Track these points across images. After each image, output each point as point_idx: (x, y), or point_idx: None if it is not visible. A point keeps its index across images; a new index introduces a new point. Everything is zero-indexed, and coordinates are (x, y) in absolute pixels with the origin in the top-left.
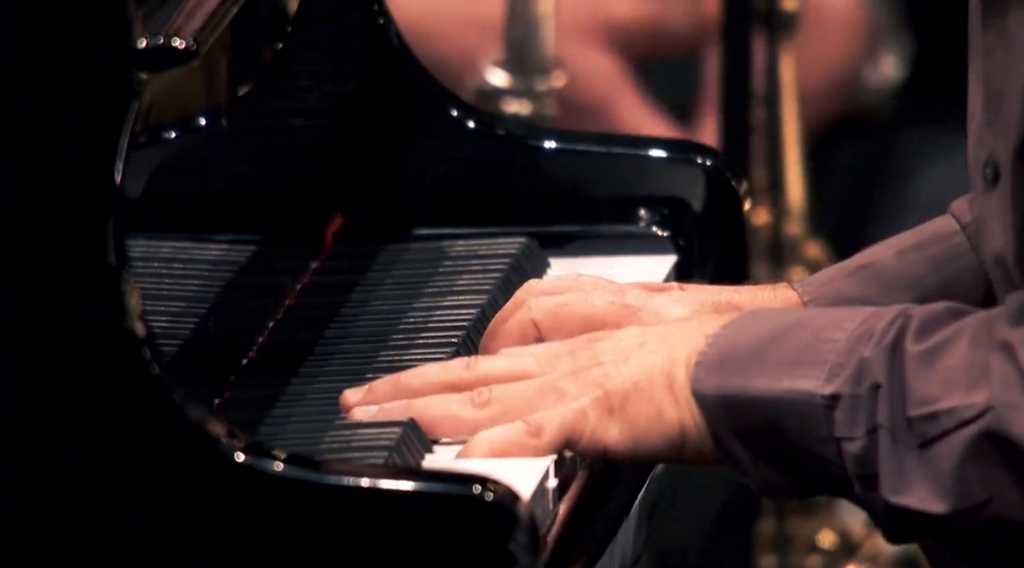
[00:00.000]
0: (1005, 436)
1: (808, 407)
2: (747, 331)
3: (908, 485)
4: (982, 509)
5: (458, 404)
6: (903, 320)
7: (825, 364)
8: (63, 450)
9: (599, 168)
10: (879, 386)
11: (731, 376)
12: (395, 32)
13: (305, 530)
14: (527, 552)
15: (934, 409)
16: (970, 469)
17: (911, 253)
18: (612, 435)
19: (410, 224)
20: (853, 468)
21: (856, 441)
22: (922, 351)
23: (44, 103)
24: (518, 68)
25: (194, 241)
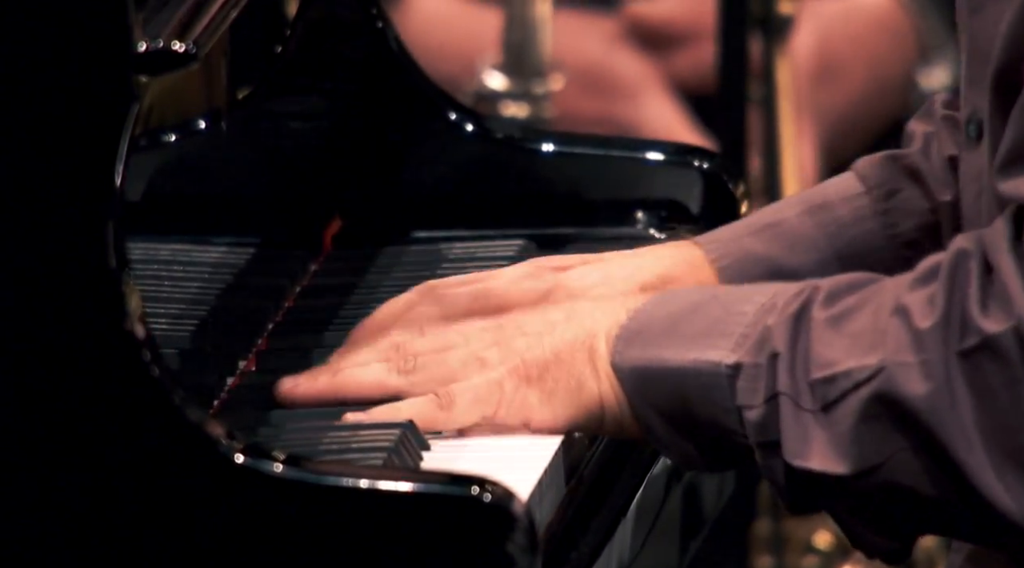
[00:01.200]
0: (895, 396)
1: (713, 377)
2: (665, 306)
3: (810, 448)
4: (878, 471)
5: (384, 371)
6: (811, 290)
7: (733, 335)
8: (64, 451)
9: (596, 171)
10: (777, 354)
11: (646, 348)
12: (393, 36)
13: (304, 531)
14: (525, 553)
15: (833, 371)
16: (865, 431)
17: (817, 213)
18: (531, 404)
19: (408, 227)
20: (754, 436)
21: (756, 409)
22: (828, 317)
23: (45, 106)
24: (516, 71)
25: (194, 244)
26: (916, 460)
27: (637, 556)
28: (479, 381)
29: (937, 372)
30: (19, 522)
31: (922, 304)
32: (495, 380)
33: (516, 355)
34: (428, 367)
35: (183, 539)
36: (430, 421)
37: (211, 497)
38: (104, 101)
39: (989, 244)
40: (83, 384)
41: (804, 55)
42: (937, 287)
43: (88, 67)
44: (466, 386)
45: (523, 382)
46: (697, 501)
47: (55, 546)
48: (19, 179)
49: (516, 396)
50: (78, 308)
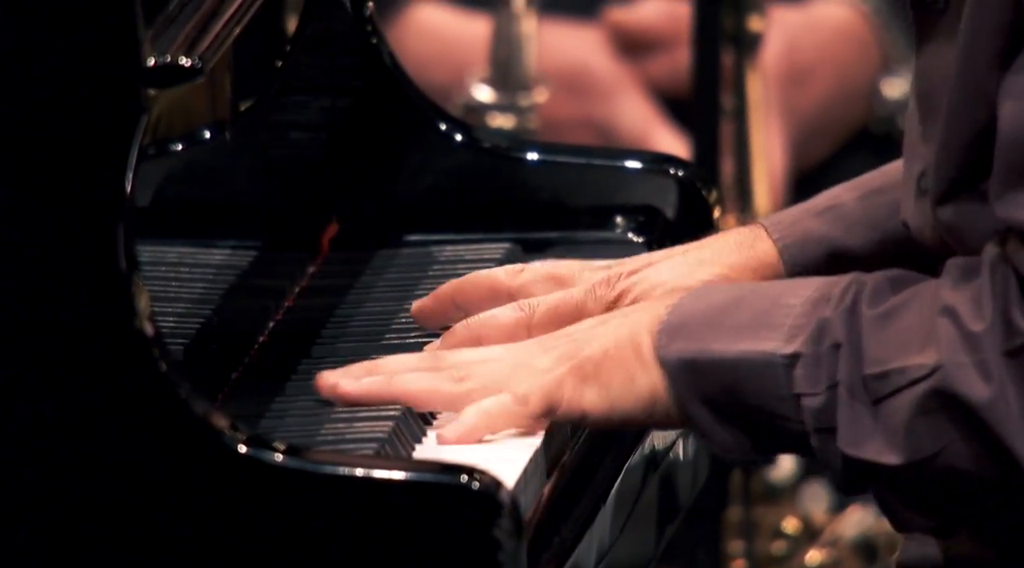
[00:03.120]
0: (952, 393)
1: (767, 367)
2: (705, 299)
3: (864, 439)
4: (932, 461)
5: (437, 379)
6: (858, 285)
7: (783, 327)
8: (76, 440)
9: (578, 178)
10: (839, 345)
11: (692, 340)
12: (387, 52)
13: (302, 516)
14: (511, 537)
15: (886, 368)
16: (920, 424)
17: (874, 197)
18: (589, 399)
19: (401, 231)
20: (812, 422)
21: (817, 396)
22: (877, 315)
23: (59, 117)
24: (502, 85)
25: (199, 247)
26: (970, 451)
27: (616, 541)
28: (545, 379)
29: (992, 371)
30: (34, 506)
31: (969, 305)
32: (559, 377)
33: (568, 357)
34: (481, 375)
35: (189, 523)
36: (511, 417)
37: (216, 484)
38: (115, 113)
39: (1016, 257)
40: (95, 378)
41: (773, 61)
42: (982, 289)
43: (100, 81)
44: (535, 384)
45: (580, 380)
46: (672, 489)
47: (68, 530)
48: (35, 186)
49: (575, 393)
50: (91, 307)
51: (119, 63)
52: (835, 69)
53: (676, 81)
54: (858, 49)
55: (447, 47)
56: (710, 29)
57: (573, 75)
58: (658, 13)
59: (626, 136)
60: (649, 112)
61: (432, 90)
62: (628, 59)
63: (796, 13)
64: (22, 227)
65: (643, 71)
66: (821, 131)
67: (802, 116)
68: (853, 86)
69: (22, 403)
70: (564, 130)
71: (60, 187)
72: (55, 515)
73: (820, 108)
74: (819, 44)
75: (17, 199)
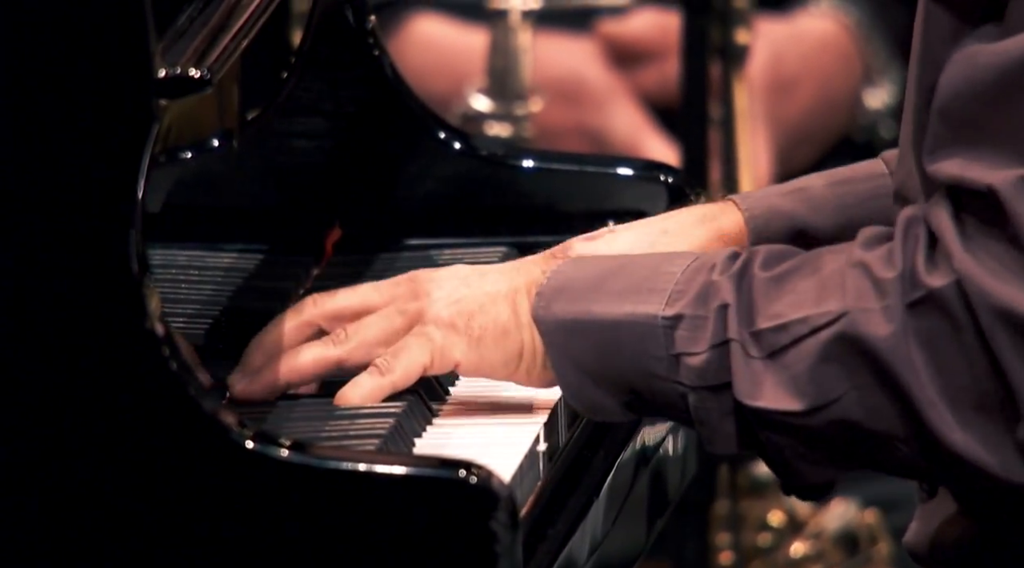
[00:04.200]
0: (859, 337)
1: (648, 328)
2: (586, 267)
3: (761, 389)
4: (832, 406)
5: (320, 346)
6: (748, 254)
7: (664, 291)
8: (90, 437)
9: (572, 185)
10: (727, 305)
11: (572, 303)
12: (388, 63)
13: (307, 509)
14: (507, 530)
15: (784, 321)
16: (823, 370)
17: (842, 185)
18: (460, 350)
19: (402, 235)
20: (693, 380)
21: (699, 355)
22: (769, 277)
23: (74, 127)
24: (499, 95)
25: (208, 250)
26: (871, 397)
27: (608, 533)
28: (411, 340)
29: (896, 316)
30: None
31: (881, 260)
32: (425, 334)
33: (439, 305)
34: (359, 333)
35: (199, 516)
36: (379, 391)
37: (224, 479)
38: (127, 122)
39: (932, 214)
40: (108, 377)
41: (759, 72)
42: (894, 246)
43: (113, 91)
44: (400, 348)
45: (451, 331)
46: (662, 483)
47: (81, 522)
48: (51, 192)
49: (445, 343)
50: (104, 308)
51: (132, 75)
52: (818, 80)
53: (666, 91)
54: (841, 61)
55: (446, 59)
56: (698, 41)
57: (567, 85)
58: (649, 26)
59: (618, 144)
60: (640, 121)
61: (432, 100)
62: (620, 70)
63: (781, 26)
64: (39, 231)
65: (634, 81)
66: (805, 139)
67: (787, 125)
68: (836, 96)
69: (38, 400)
70: (558, 138)
71: (75, 193)
72: (70, 508)
73: (804, 117)
74: (803, 56)
75: (34, 205)
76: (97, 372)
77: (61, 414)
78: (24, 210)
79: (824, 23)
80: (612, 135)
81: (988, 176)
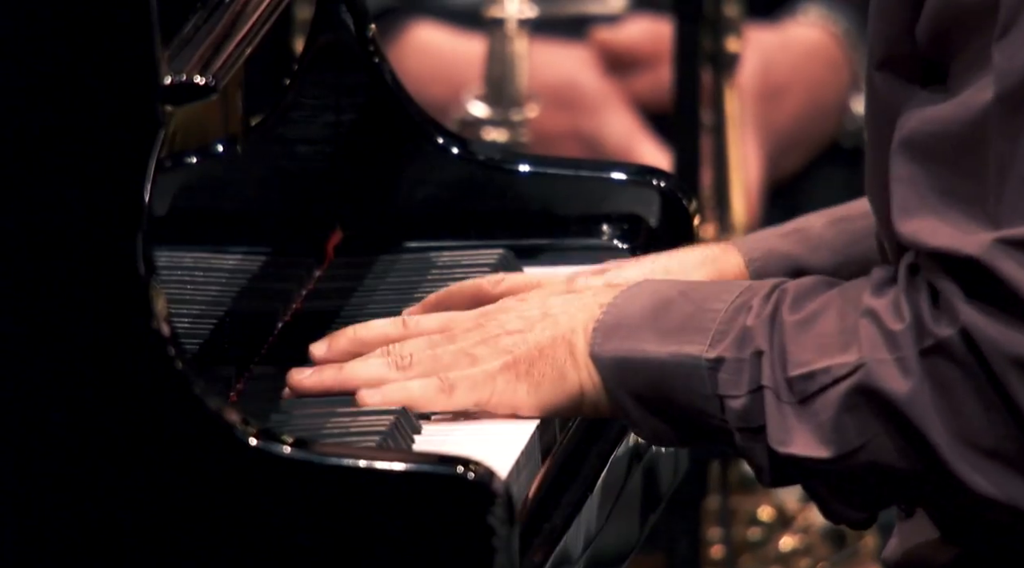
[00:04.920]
0: (875, 388)
1: (693, 369)
2: (636, 301)
3: (792, 436)
4: (858, 454)
5: (384, 367)
6: (779, 293)
7: (708, 331)
8: (97, 435)
9: (567, 189)
10: (762, 352)
11: (624, 341)
12: (388, 70)
13: (309, 505)
14: (504, 524)
15: (811, 369)
16: (846, 419)
17: (839, 224)
18: (520, 396)
19: (402, 238)
20: (735, 422)
21: (739, 398)
22: (797, 320)
23: (82, 132)
24: (496, 101)
25: (212, 252)
26: (892, 443)
27: (602, 528)
28: (476, 371)
29: (910, 368)
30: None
31: (889, 308)
32: (489, 372)
33: (505, 352)
34: (423, 362)
35: (204, 511)
36: (431, 401)
37: (228, 475)
38: (134, 127)
39: (928, 270)
40: (115, 376)
41: (749, 79)
42: (899, 295)
43: (120, 98)
44: (466, 374)
45: (513, 376)
46: (655, 479)
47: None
48: (60, 195)
49: (507, 388)
50: (112, 309)
51: (138, 81)
52: (807, 87)
53: (659, 98)
54: (829, 68)
55: (444, 66)
56: (690, 49)
57: (562, 92)
58: (642, 34)
59: (612, 149)
60: (633, 126)
61: (430, 106)
62: (614, 77)
63: (771, 34)
64: (48, 233)
65: (628, 88)
66: (794, 145)
67: (776, 131)
68: (824, 103)
69: (47, 399)
70: (554, 143)
71: (83, 197)
72: (77, 504)
73: (793, 123)
74: (792, 64)
75: (43, 207)
76: (104, 370)
77: (69, 410)
78: (33, 212)
79: (813, 32)
80: (606, 140)
81: (964, 244)
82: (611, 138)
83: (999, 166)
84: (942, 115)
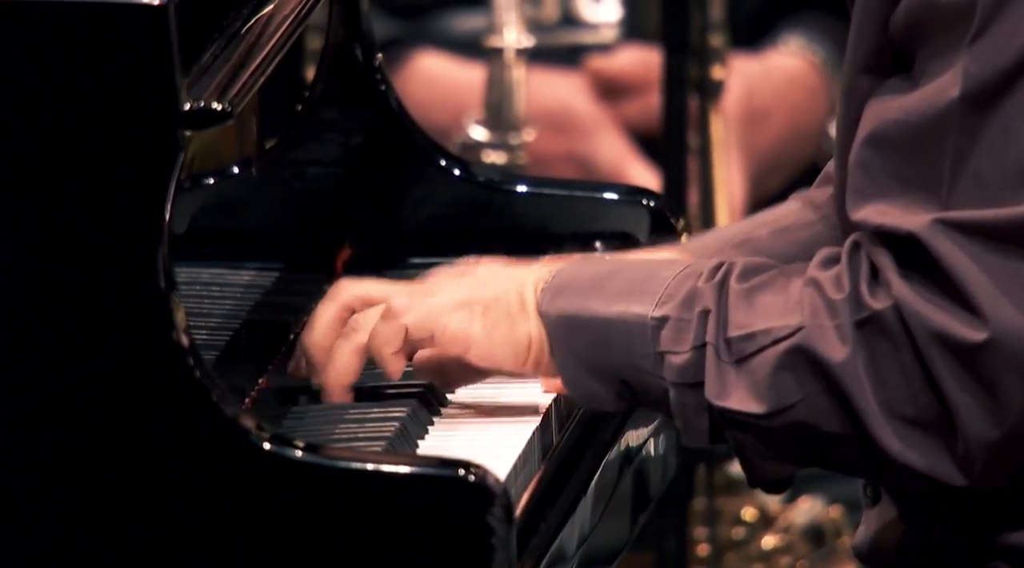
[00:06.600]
0: (811, 351)
1: (638, 327)
2: (588, 267)
3: (729, 391)
4: (790, 411)
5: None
6: (728, 265)
7: (655, 294)
8: (119, 439)
9: (562, 208)
10: (708, 311)
11: (573, 299)
12: (394, 97)
13: (319, 506)
14: (503, 524)
15: (752, 331)
16: (782, 377)
17: (784, 234)
18: (475, 333)
19: (407, 254)
20: (673, 377)
21: (681, 354)
22: (743, 289)
23: (107, 155)
24: (495, 126)
25: (228, 268)
26: (823, 404)
27: (595, 527)
28: (433, 301)
29: (846, 336)
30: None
31: (831, 281)
32: (446, 306)
33: (460, 293)
34: (368, 317)
35: (220, 512)
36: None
37: (243, 478)
38: (155, 151)
39: (870, 248)
40: (138, 383)
41: (733, 105)
42: (841, 270)
43: (142, 123)
44: (422, 301)
45: (468, 314)
46: (645, 482)
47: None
48: (85, 215)
49: (462, 324)
50: (134, 320)
51: (159, 108)
52: (788, 112)
53: (648, 122)
54: (809, 95)
55: (447, 92)
56: (678, 77)
57: (558, 117)
58: (633, 62)
59: (604, 170)
60: (625, 149)
61: (433, 130)
62: (606, 103)
63: (754, 63)
64: (74, 251)
65: (619, 113)
66: (776, 166)
67: (759, 153)
68: (804, 127)
69: (72, 405)
70: (550, 165)
71: (107, 216)
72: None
73: (775, 146)
74: (774, 90)
75: (70, 226)
76: (128, 378)
77: (94, 415)
78: (61, 230)
79: (793, 61)
80: (599, 162)
81: (906, 222)
82: (603, 160)
83: (955, 160)
84: (905, 106)
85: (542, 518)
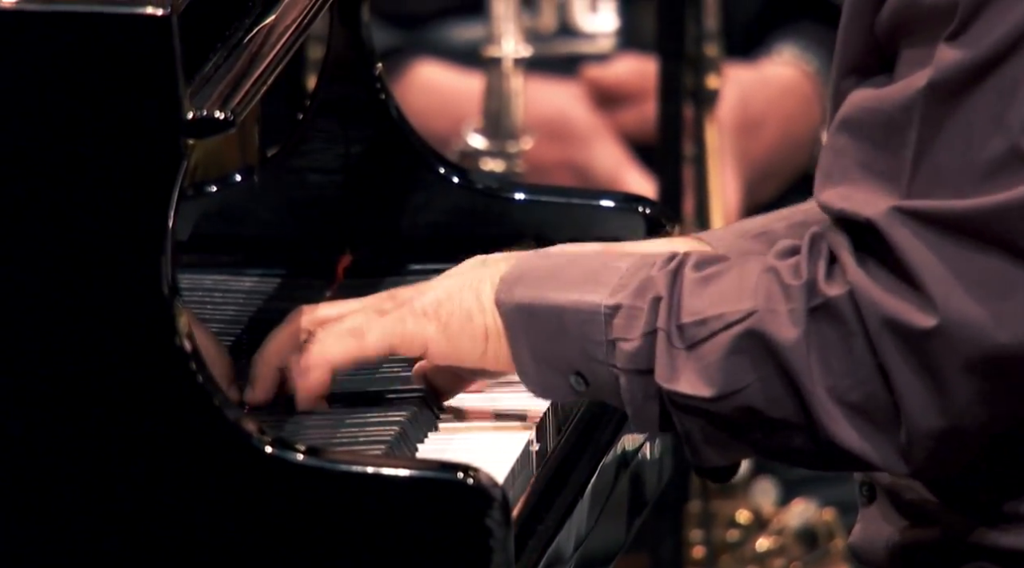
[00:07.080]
0: (763, 334)
1: (591, 315)
2: (545, 259)
3: (679, 374)
4: (738, 395)
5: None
6: (682, 255)
7: (609, 284)
8: (122, 443)
9: (559, 215)
10: (660, 298)
11: (530, 288)
12: (394, 106)
13: (321, 509)
14: (501, 526)
15: (704, 316)
16: (732, 361)
17: (801, 228)
18: (430, 333)
19: (406, 260)
20: (624, 363)
21: (632, 341)
22: (698, 277)
23: (111, 164)
24: (494, 134)
25: (231, 275)
26: (771, 388)
27: (592, 530)
28: (385, 319)
29: (799, 320)
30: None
31: (789, 269)
32: (398, 317)
33: (411, 299)
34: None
35: (223, 515)
36: (345, 349)
37: (245, 481)
38: (159, 159)
39: (830, 235)
40: (142, 388)
41: (728, 114)
42: (800, 258)
43: (146, 132)
44: (375, 322)
45: (422, 316)
46: (641, 485)
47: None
48: (90, 223)
49: (416, 327)
50: (138, 327)
51: (163, 117)
52: (782, 121)
53: (644, 131)
54: (803, 104)
55: (446, 101)
56: (673, 86)
57: (555, 125)
58: (629, 71)
59: (601, 178)
60: (621, 157)
61: (432, 138)
62: (603, 111)
63: (748, 72)
64: (79, 257)
65: (616, 122)
66: (770, 175)
67: (753, 162)
68: (798, 136)
69: (75, 410)
70: (547, 173)
71: (112, 223)
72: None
73: (769, 155)
74: (768, 99)
75: (74, 234)
76: (131, 383)
77: (97, 421)
78: (66, 237)
79: (787, 70)
80: (596, 170)
81: (866, 208)
82: (600, 168)
83: (917, 150)
84: (879, 95)
85: (539, 521)
